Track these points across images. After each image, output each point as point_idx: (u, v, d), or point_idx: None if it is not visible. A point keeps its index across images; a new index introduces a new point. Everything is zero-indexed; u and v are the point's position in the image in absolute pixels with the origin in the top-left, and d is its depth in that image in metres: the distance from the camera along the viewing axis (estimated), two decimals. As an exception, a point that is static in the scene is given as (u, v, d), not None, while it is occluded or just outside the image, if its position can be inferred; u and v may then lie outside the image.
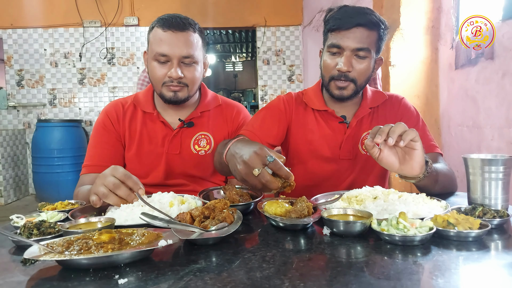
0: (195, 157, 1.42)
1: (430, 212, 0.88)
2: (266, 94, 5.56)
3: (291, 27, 5.49)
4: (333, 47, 1.26)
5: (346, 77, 1.26)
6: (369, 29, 1.23)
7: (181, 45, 1.27)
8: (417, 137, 0.93)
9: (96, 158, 1.39)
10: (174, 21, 1.28)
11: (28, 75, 5.23)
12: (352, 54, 1.24)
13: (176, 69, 1.28)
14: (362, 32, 1.22)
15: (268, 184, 0.87)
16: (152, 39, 1.31)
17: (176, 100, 1.33)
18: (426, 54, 2.68)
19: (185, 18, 1.31)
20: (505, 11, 1.91)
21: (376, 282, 0.59)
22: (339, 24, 1.23)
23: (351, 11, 1.25)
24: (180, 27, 1.28)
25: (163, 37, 1.27)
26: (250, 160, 0.88)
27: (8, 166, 4.82)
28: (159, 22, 1.30)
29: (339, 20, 1.24)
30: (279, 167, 0.88)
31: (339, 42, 1.24)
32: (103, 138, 1.41)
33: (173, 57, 1.27)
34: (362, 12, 1.24)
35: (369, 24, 1.22)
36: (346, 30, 1.23)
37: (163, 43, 1.27)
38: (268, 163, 0.88)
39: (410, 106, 1.43)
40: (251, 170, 0.88)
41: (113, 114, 1.43)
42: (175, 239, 0.71)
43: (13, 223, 0.90)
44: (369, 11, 1.25)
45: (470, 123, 2.24)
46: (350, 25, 1.22)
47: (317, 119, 1.38)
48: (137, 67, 5.35)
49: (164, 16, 1.31)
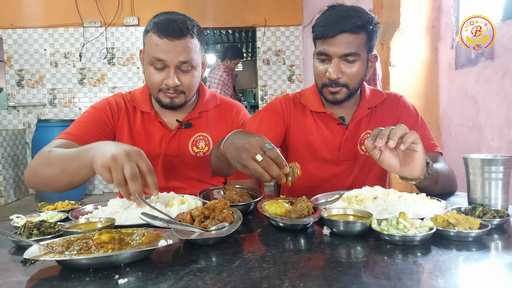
0: (193, 159, 1.40)
1: (430, 212, 0.88)
2: (266, 94, 5.56)
3: (291, 27, 5.49)
4: (321, 54, 1.25)
5: (337, 83, 1.25)
6: (355, 33, 1.20)
7: (178, 53, 1.22)
8: (417, 139, 0.92)
9: (82, 131, 1.27)
10: (170, 29, 1.20)
11: (28, 75, 5.23)
12: (340, 60, 1.23)
13: (173, 77, 1.23)
14: (347, 38, 1.20)
15: (269, 169, 0.86)
16: (147, 43, 1.26)
17: (172, 106, 1.30)
18: (426, 54, 2.67)
19: (182, 23, 1.23)
20: (505, 11, 1.91)
21: (376, 282, 0.59)
22: (324, 32, 1.21)
23: (335, 16, 1.21)
24: (177, 34, 1.21)
25: (159, 43, 1.21)
26: (251, 146, 0.88)
27: (8, 166, 4.82)
28: (154, 27, 1.23)
29: (323, 27, 1.22)
30: (276, 155, 0.87)
31: (326, 50, 1.22)
32: (94, 121, 1.32)
33: (170, 64, 1.22)
34: (346, 16, 1.20)
35: (354, 29, 1.19)
36: (331, 37, 1.21)
37: (159, 49, 1.21)
38: (266, 149, 0.87)
39: (409, 104, 1.42)
40: (252, 155, 0.87)
41: (114, 107, 1.38)
42: (175, 239, 0.71)
43: (13, 223, 0.90)
44: (354, 13, 1.21)
45: (470, 123, 2.24)
46: (333, 32, 1.20)
47: (315, 121, 1.38)
48: (137, 67, 5.35)
49: (160, 20, 1.24)
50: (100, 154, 0.93)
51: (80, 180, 1.04)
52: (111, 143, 0.98)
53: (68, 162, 1.03)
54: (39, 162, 1.12)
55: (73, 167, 1.02)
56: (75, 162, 1.01)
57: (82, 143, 1.21)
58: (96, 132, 1.30)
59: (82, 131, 1.27)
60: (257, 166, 0.86)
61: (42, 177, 1.11)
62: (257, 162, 0.86)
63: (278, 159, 0.87)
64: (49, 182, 1.09)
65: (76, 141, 1.23)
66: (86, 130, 1.28)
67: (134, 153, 0.92)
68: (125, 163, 0.89)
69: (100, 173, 0.91)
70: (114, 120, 1.37)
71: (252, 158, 0.87)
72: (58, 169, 1.05)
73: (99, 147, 0.96)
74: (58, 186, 1.08)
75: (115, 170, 0.89)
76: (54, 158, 1.08)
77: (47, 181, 1.09)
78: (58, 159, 1.07)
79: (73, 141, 1.23)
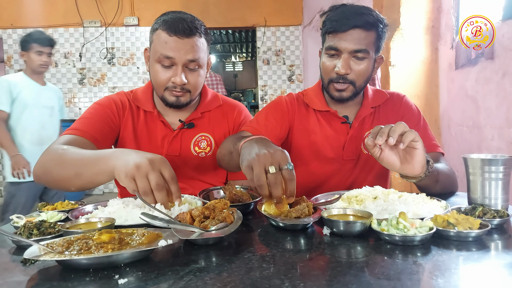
0: (195, 159, 1.39)
1: (430, 212, 0.88)
2: (266, 94, 5.56)
3: (291, 27, 5.49)
4: (331, 49, 1.25)
5: (345, 79, 1.25)
6: (367, 30, 1.21)
7: (187, 51, 1.22)
8: (417, 137, 0.93)
9: (89, 126, 1.24)
10: (180, 27, 1.21)
11: (28, 75, 5.23)
12: (350, 56, 1.23)
13: (180, 75, 1.23)
14: (359, 34, 1.21)
15: (274, 186, 0.82)
16: (155, 40, 1.26)
17: (178, 104, 1.30)
18: (426, 54, 2.67)
19: (191, 21, 1.24)
20: (505, 11, 1.91)
21: (376, 282, 0.59)
22: (336, 26, 1.22)
23: (348, 12, 1.23)
24: (186, 33, 1.21)
25: (168, 41, 1.22)
26: (271, 155, 0.84)
27: (8, 166, 4.81)
28: (164, 24, 1.23)
29: (335, 22, 1.22)
30: (290, 178, 0.84)
31: (337, 45, 1.23)
32: (100, 117, 1.30)
33: (178, 61, 1.22)
34: (359, 12, 1.22)
35: (366, 25, 1.21)
36: (343, 32, 1.21)
37: (168, 47, 1.21)
38: (285, 168, 0.84)
39: (412, 104, 1.42)
40: (266, 164, 0.83)
41: (119, 104, 1.37)
42: (175, 239, 0.71)
43: (13, 223, 0.89)
44: (367, 10, 1.23)
45: (470, 123, 2.24)
46: (346, 27, 1.20)
47: (319, 120, 1.37)
48: (137, 67, 5.35)
49: (169, 18, 1.24)
50: (122, 163, 0.90)
51: (96, 185, 1.02)
52: (131, 151, 0.96)
53: (84, 167, 1.00)
54: (50, 159, 1.08)
55: (89, 172, 0.99)
56: (91, 168, 0.98)
57: (91, 139, 1.20)
58: (102, 128, 1.28)
59: (89, 127, 1.24)
60: (263, 175, 0.82)
61: (54, 176, 1.07)
62: (266, 173, 0.83)
63: (291, 185, 0.84)
64: (61, 182, 1.07)
65: (85, 136, 1.20)
66: (93, 125, 1.26)
67: (157, 161, 0.91)
68: (150, 171, 0.88)
69: (125, 183, 0.89)
70: (120, 117, 1.36)
71: (265, 166, 0.83)
72: (72, 172, 1.02)
73: (120, 156, 0.94)
74: (71, 187, 1.05)
75: (140, 180, 0.87)
76: (68, 159, 1.05)
77: (59, 181, 1.07)
78: (73, 160, 1.04)
79: (82, 136, 1.20)
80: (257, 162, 0.84)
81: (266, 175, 0.83)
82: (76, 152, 1.06)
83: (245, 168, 0.87)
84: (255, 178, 0.83)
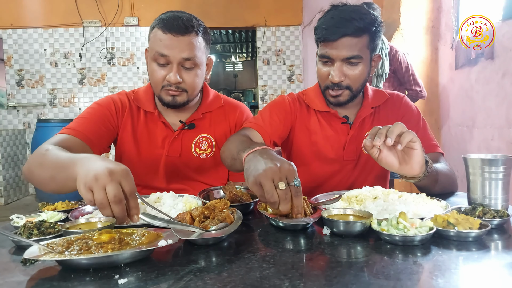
0: (196, 160, 1.38)
1: (430, 212, 0.88)
2: (266, 94, 5.56)
3: (291, 27, 5.49)
4: (323, 57, 1.24)
5: (340, 86, 1.25)
6: (357, 36, 1.19)
7: (182, 49, 1.21)
8: (415, 137, 0.93)
9: (85, 127, 1.23)
10: (175, 24, 1.20)
11: (28, 75, 5.23)
12: (343, 63, 1.22)
13: (175, 74, 1.21)
14: (350, 41, 1.19)
15: (283, 202, 0.81)
16: (152, 38, 1.26)
17: (174, 104, 1.28)
18: (426, 54, 2.68)
19: (188, 20, 1.23)
20: (505, 11, 1.91)
21: (376, 282, 0.59)
22: (326, 35, 1.20)
23: (337, 19, 1.20)
24: (182, 30, 1.20)
25: (163, 39, 1.22)
26: (280, 169, 0.83)
27: (8, 166, 4.82)
28: (160, 23, 1.23)
29: (325, 30, 1.21)
30: (298, 195, 0.83)
31: (329, 53, 1.22)
32: (97, 118, 1.29)
33: (173, 60, 1.21)
34: (348, 19, 1.18)
35: (357, 32, 1.18)
36: (333, 41, 1.20)
37: (162, 45, 1.21)
38: (293, 184, 0.83)
39: (411, 105, 1.42)
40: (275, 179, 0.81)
41: (118, 105, 1.36)
42: (175, 239, 0.71)
43: (13, 223, 0.89)
44: (357, 15, 1.19)
45: (470, 123, 2.24)
46: (336, 36, 1.18)
47: (319, 120, 1.37)
48: (137, 67, 5.35)
49: (166, 16, 1.24)
50: (83, 172, 0.85)
51: (68, 191, 0.96)
52: (98, 158, 0.89)
53: (58, 170, 0.96)
54: (35, 159, 1.07)
55: (61, 176, 0.94)
56: (63, 172, 0.93)
57: (84, 139, 1.20)
58: (98, 129, 1.27)
59: (84, 127, 1.24)
60: (274, 191, 0.81)
61: (35, 177, 1.06)
62: (276, 188, 0.81)
63: (297, 201, 0.82)
64: (40, 183, 1.05)
65: (78, 136, 1.20)
66: (88, 126, 1.25)
67: (118, 172, 0.83)
68: (108, 183, 0.81)
69: (83, 193, 0.83)
70: (118, 118, 1.35)
71: (274, 181, 0.82)
72: (48, 174, 0.99)
73: (84, 163, 0.88)
74: (48, 190, 1.03)
75: (97, 191, 0.81)
76: (48, 161, 1.02)
77: (39, 182, 1.05)
78: (51, 163, 1.00)
79: (75, 136, 1.19)
80: (265, 178, 0.82)
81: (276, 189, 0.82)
82: (56, 155, 1.02)
83: (252, 185, 0.85)
84: (267, 195, 0.82)
